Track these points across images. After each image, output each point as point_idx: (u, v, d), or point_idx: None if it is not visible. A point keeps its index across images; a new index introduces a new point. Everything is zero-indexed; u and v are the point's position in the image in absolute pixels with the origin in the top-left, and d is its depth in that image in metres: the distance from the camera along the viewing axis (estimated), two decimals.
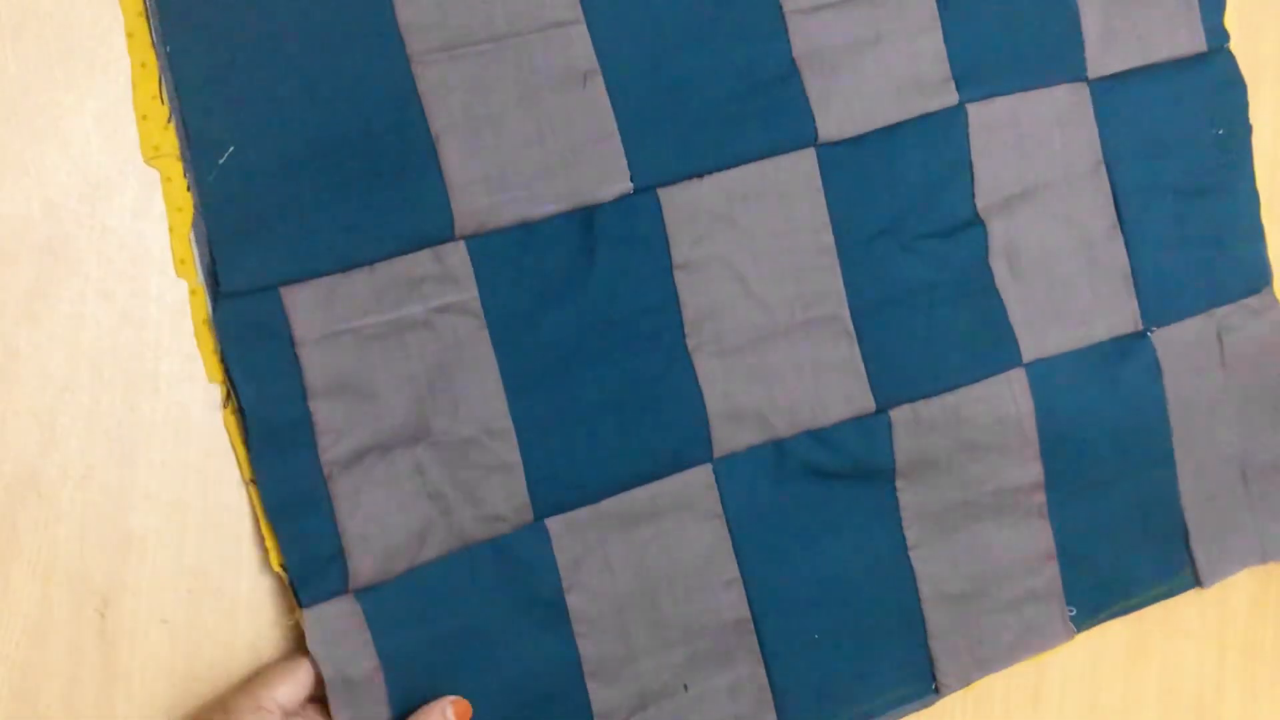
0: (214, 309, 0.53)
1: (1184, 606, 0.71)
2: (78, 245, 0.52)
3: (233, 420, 0.54)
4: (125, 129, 0.53)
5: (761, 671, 0.60)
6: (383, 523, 0.54)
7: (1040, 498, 0.64)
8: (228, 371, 0.53)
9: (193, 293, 0.53)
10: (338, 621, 0.53)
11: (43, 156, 0.52)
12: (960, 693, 0.65)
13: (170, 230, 0.53)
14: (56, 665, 0.53)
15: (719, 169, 0.58)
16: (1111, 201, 0.65)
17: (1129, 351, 0.66)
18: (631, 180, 0.57)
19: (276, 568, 0.54)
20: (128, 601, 0.54)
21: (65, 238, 0.52)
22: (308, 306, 0.53)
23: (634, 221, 0.57)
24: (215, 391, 0.54)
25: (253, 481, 0.54)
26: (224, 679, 0.55)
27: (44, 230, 0.52)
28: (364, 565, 0.54)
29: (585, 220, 0.57)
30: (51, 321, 0.52)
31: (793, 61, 0.59)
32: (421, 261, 0.55)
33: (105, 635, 0.54)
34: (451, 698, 0.54)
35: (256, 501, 0.54)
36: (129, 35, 0.53)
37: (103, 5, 0.52)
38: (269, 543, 0.54)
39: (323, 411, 0.53)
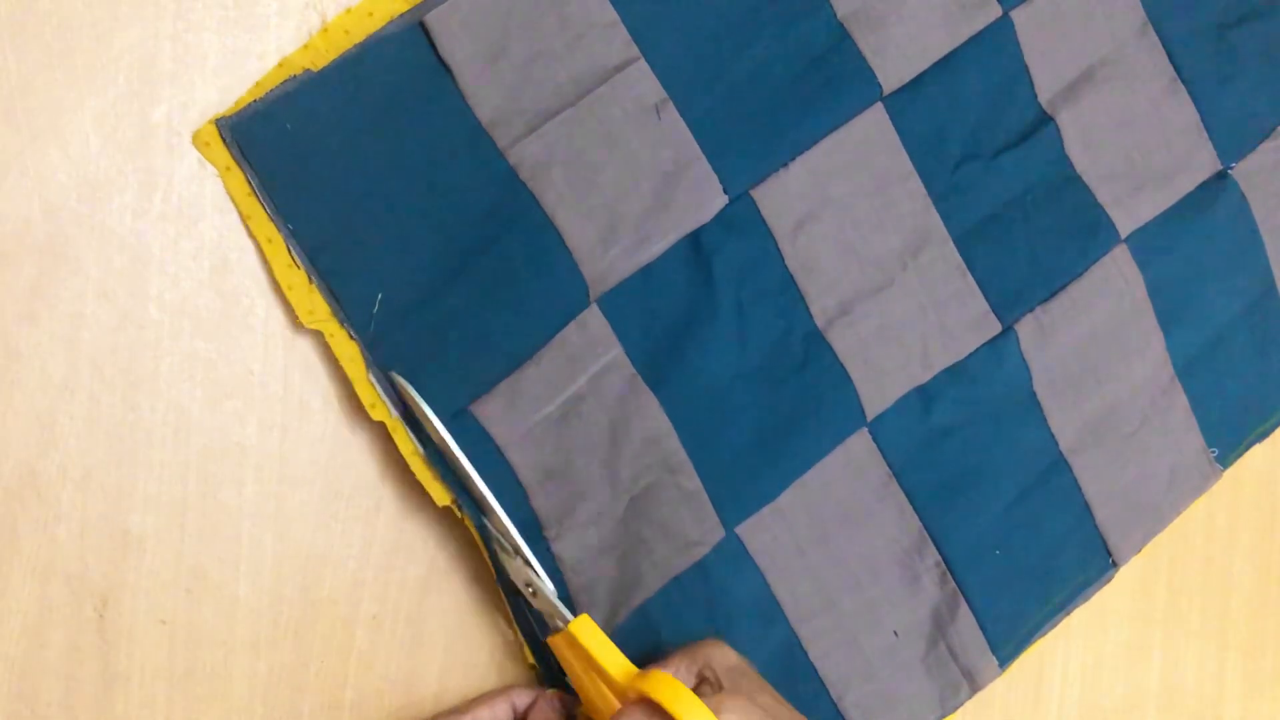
0: (421, 444, 0.55)
1: (1184, 606, 0.71)
2: (78, 245, 0.53)
3: (474, 531, 0.56)
4: (125, 129, 0.53)
5: (959, 599, 0.63)
6: (607, 583, 0.58)
7: (1168, 371, 0.67)
8: (455, 497, 0.56)
9: (393, 429, 0.55)
10: None
11: (43, 156, 0.52)
12: None
13: (353, 381, 0.55)
14: (56, 665, 0.53)
15: (800, 152, 0.60)
16: (1165, 56, 0.66)
17: (1216, 193, 0.67)
18: (726, 192, 0.58)
19: (529, 660, 0.59)
20: (127, 601, 0.54)
21: (65, 238, 0.52)
22: (499, 414, 0.56)
23: (737, 230, 0.59)
24: (215, 391, 0.55)
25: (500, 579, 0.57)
26: (224, 679, 0.55)
27: (44, 230, 0.52)
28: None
29: (693, 245, 0.59)
30: (51, 321, 0.52)
31: (840, 24, 0.60)
32: (569, 336, 0.57)
33: (105, 635, 0.54)
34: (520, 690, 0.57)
35: (505, 602, 0.58)
36: (247, 219, 0.54)
37: (102, 6, 0.52)
38: (511, 621, 0.58)
39: (542, 505, 0.57)
